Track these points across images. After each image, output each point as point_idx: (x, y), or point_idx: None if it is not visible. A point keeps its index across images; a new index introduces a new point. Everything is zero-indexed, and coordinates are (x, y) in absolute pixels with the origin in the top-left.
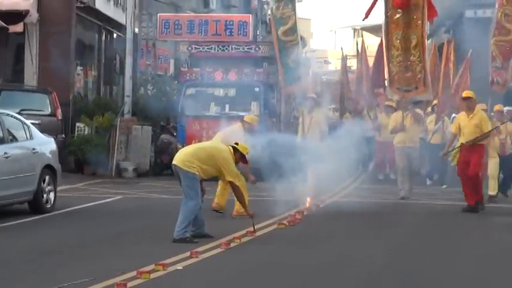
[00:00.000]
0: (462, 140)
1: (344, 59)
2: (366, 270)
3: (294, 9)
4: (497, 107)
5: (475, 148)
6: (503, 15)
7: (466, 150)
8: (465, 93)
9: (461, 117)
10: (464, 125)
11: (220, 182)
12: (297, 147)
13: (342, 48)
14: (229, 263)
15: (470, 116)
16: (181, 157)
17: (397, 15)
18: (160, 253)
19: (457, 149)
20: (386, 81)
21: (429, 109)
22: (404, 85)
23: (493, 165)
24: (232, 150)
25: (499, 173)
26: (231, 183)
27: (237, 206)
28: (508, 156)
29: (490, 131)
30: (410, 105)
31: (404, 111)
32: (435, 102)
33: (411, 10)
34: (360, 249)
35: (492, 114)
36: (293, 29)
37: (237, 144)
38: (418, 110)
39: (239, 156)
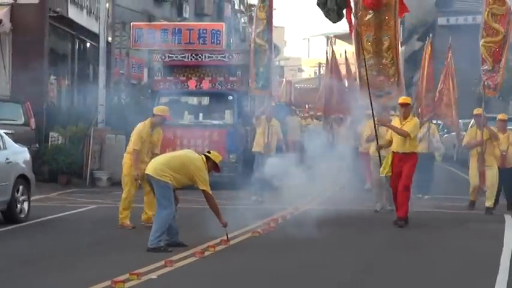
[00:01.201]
0: (393, 148)
1: (328, 65)
2: (340, 279)
3: (268, 16)
4: (500, 116)
5: (407, 158)
6: (490, 15)
7: (398, 160)
8: (403, 99)
9: (395, 123)
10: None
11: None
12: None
13: (326, 53)
14: (203, 271)
15: (403, 123)
16: (154, 166)
17: (368, 16)
18: (135, 262)
19: (386, 159)
20: (358, 86)
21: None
22: (376, 90)
23: (491, 175)
24: (204, 159)
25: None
26: (204, 192)
27: (145, 215)
28: (510, 169)
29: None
30: (386, 111)
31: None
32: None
33: (383, 10)
34: (334, 258)
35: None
36: (263, 34)
37: (209, 152)
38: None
39: (212, 164)
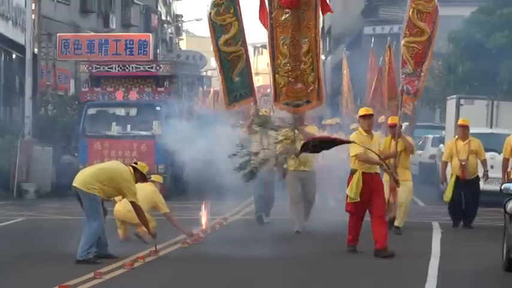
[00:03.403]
0: (364, 168)
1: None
2: None
3: (237, 15)
4: (461, 122)
5: (376, 178)
6: (415, 12)
7: (368, 181)
8: (365, 110)
9: (362, 138)
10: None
11: None
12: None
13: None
14: (133, 283)
15: (372, 137)
16: (81, 178)
17: (284, 16)
18: (64, 274)
19: (356, 180)
20: (271, 96)
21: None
22: (293, 99)
23: (403, 191)
24: (132, 170)
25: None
26: (132, 203)
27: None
28: (472, 180)
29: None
30: (308, 120)
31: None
32: (381, 119)
33: (301, 9)
34: (261, 269)
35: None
36: (236, 38)
37: (136, 163)
38: (311, 128)
39: (139, 175)
